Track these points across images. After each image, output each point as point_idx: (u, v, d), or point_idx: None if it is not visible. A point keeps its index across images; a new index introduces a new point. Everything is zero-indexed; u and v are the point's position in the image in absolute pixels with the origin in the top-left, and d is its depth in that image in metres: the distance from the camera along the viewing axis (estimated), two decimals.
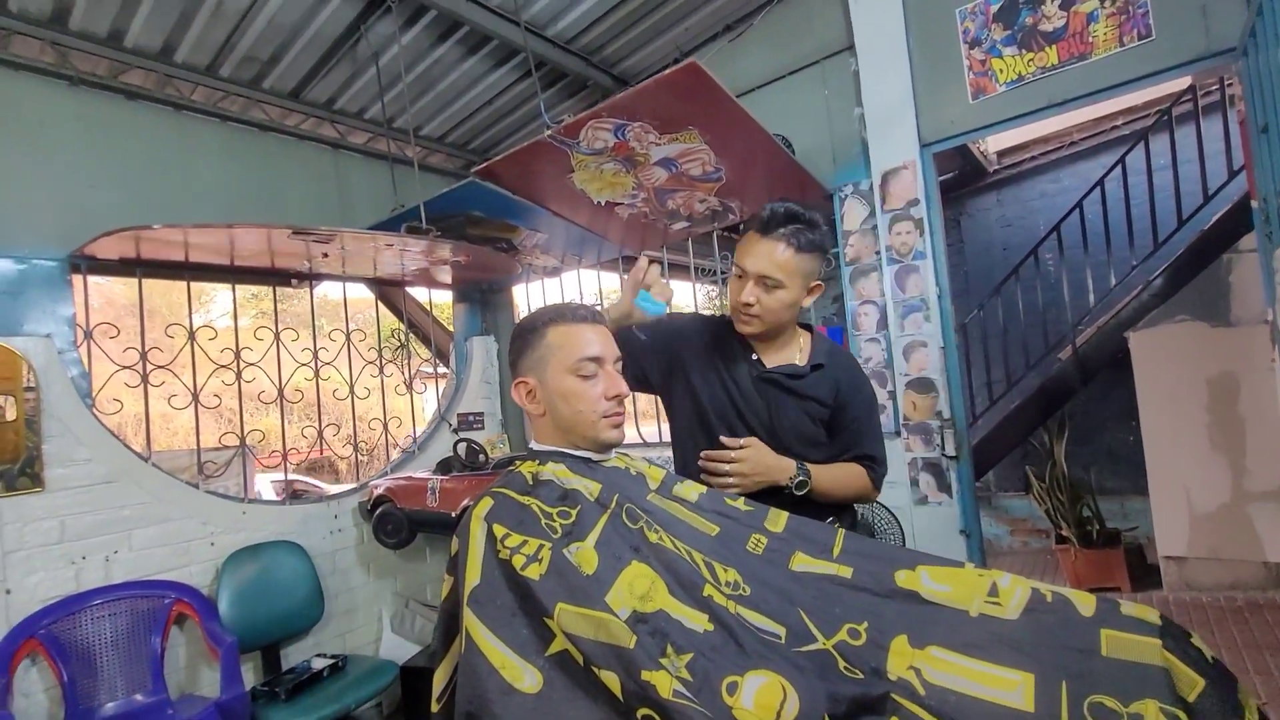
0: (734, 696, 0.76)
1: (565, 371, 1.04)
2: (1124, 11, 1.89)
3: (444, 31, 2.74)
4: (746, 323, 1.31)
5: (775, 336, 1.36)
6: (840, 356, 1.40)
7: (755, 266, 1.27)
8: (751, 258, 1.28)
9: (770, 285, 1.26)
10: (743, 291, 1.28)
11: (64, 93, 2.43)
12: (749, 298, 1.28)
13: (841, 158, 2.54)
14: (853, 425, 1.36)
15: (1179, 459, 3.60)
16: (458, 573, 0.89)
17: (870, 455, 1.37)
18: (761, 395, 1.33)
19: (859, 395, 1.37)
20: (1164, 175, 3.71)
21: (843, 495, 1.37)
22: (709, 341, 1.38)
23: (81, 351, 2.38)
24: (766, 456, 1.28)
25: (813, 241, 1.28)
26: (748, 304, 1.28)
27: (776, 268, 1.25)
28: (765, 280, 1.26)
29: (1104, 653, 0.85)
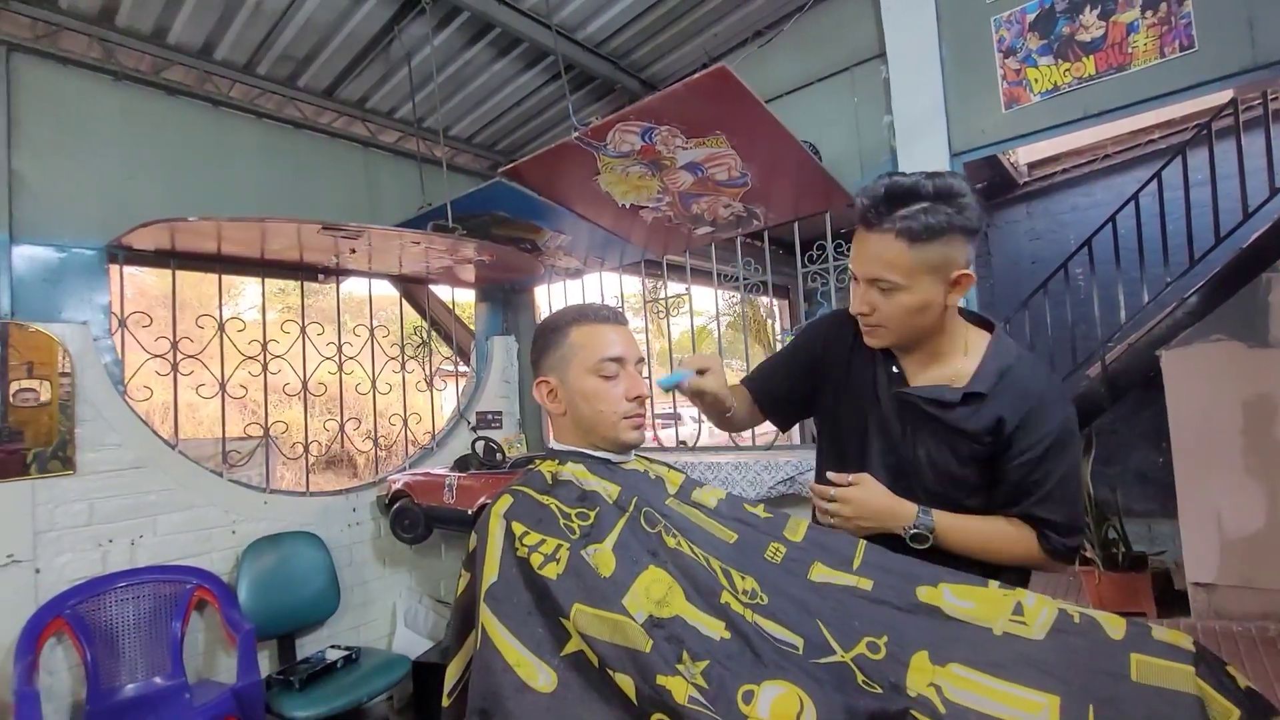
0: (750, 706, 0.75)
1: (587, 371, 1.04)
2: (1166, 22, 1.85)
3: (476, 33, 2.78)
4: (871, 333, 1.11)
5: (923, 346, 1.10)
6: (1019, 380, 1.05)
7: (864, 269, 1.05)
8: (858, 259, 1.07)
9: (886, 288, 1.03)
10: (856, 299, 1.08)
11: (108, 87, 2.50)
12: (863, 306, 1.07)
13: (870, 166, 2.52)
14: (1019, 473, 1.04)
15: (1211, 483, 3.50)
16: (475, 569, 0.89)
17: (1042, 517, 1.04)
18: (899, 419, 1.10)
19: (1034, 435, 1.03)
20: (1202, 191, 3.62)
21: (993, 558, 1.09)
22: (853, 344, 1.17)
23: (115, 339, 2.45)
24: (875, 498, 1.09)
25: (936, 225, 0.97)
26: (863, 313, 1.08)
27: (888, 267, 1.01)
28: (878, 283, 1.04)
29: (1133, 678, 0.83)
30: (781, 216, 2.68)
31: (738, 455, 2.80)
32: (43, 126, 2.33)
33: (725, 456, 2.78)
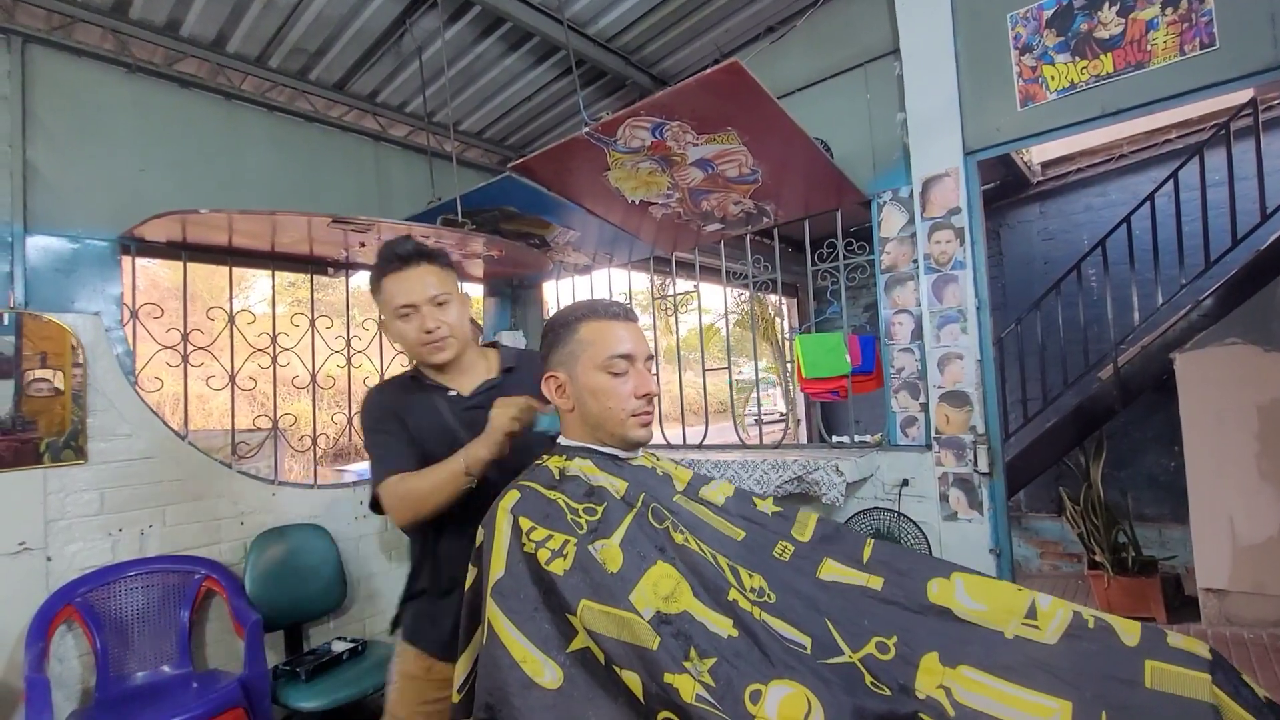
0: (757, 705, 0.74)
1: (596, 368, 1.03)
2: (1186, 19, 1.82)
3: (487, 28, 2.77)
4: (441, 347, 1.28)
5: (462, 362, 1.34)
6: (533, 358, 1.26)
7: (421, 294, 1.26)
8: (412, 291, 1.26)
9: (443, 302, 1.28)
10: (427, 320, 1.26)
11: (121, 79, 2.51)
12: (432, 323, 1.26)
13: (882, 164, 2.50)
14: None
15: (1224, 487, 3.46)
16: (482, 564, 0.89)
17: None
18: (471, 430, 1.20)
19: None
20: (1219, 192, 3.57)
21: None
22: (405, 398, 1.32)
23: (126, 330, 2.46)
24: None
25: (447, 255, 1.35)
26: (432, 330, 1.26)
27: (440, 284, 1.28)
28: (436, 300, 1.28)
29: (1148, 684, 0.82)
30: (792, 214, 2.66)
31: (745, 454, 2.79)
32: (57, 118, 2.34)
33: (732, 455, 2.77)
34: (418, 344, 1.27)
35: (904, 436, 2.42)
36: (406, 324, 1.27)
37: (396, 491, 1.17)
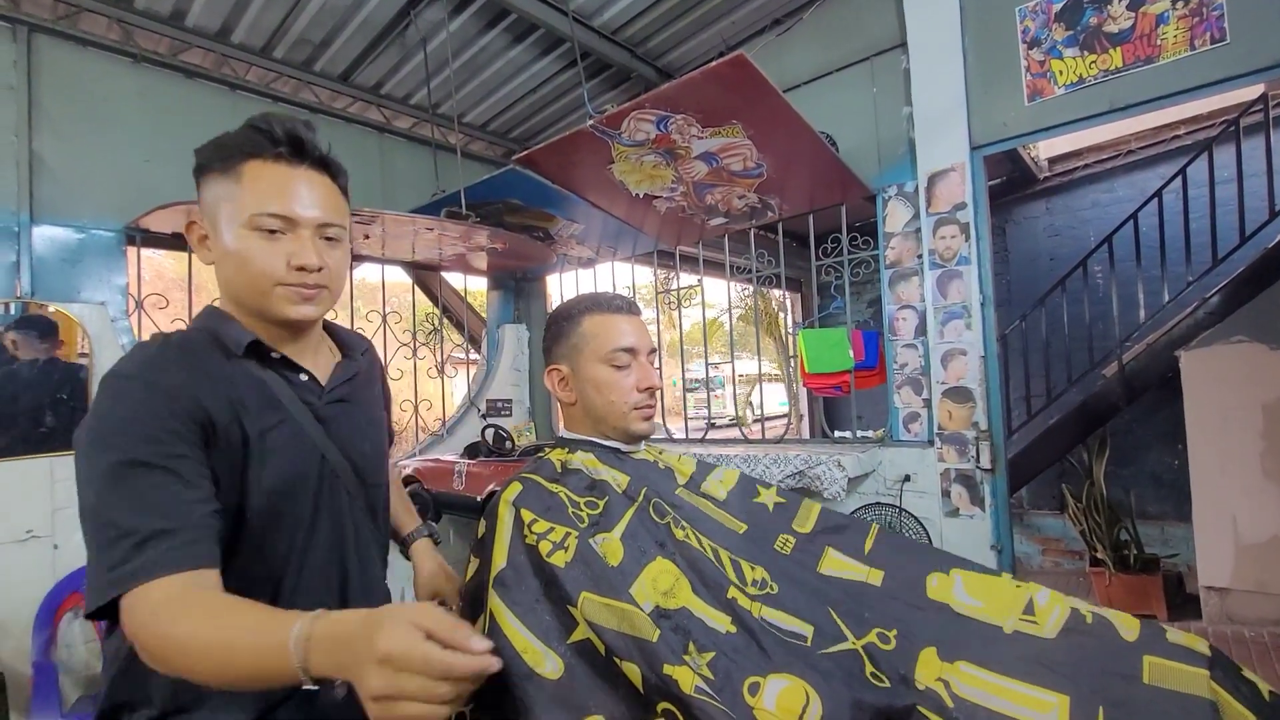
0: (755, 697, 0.74)
1: (598, 361, 1.04)
2: (1197, 13, 1.80)
3: (491, 19, 2.76)
4: (313, 299, 0.83)
5: (312, 333, 0.91)
6: (367, 340, 1.05)
7: (309, 211, 0.81)
8: (294, 197, 0.80)
9: (334, 239, 0.85)
10: (301, 249, 0.81)
11: (127, 69, 2.51)
12: (312, 258, 0.81)
13: (887, 158, 2.49)
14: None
15: (1227, 486, 3.45)
16: (484, 555, 0.90)
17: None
18: (336, 442, 0.88)
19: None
20: (1227, 189, 3.54)
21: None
22: (211, 393, 0.76)
23: (132, 320, 2.47)
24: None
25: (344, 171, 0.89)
26: (310, 268, 0.81)
27: (337, 211, 0.85)
28: (327, 230, 0.83)
29: (1146, 680, 0.82)
30: (796, 208, 2.65)
31: (747, 448, 2.79)
32: (62, 108, 2.35)
33: (735, 449, 2.78)
34: (272, 280, 0.80)
35: (906, 432, 2.42)
36: (267, 244, 0.79)
37: (170, 628, 0.62)
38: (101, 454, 0.69)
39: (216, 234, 0.81)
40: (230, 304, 0.85)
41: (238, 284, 0.82)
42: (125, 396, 0.72)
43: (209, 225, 0.82)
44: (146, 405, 0.71)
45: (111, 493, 0.67)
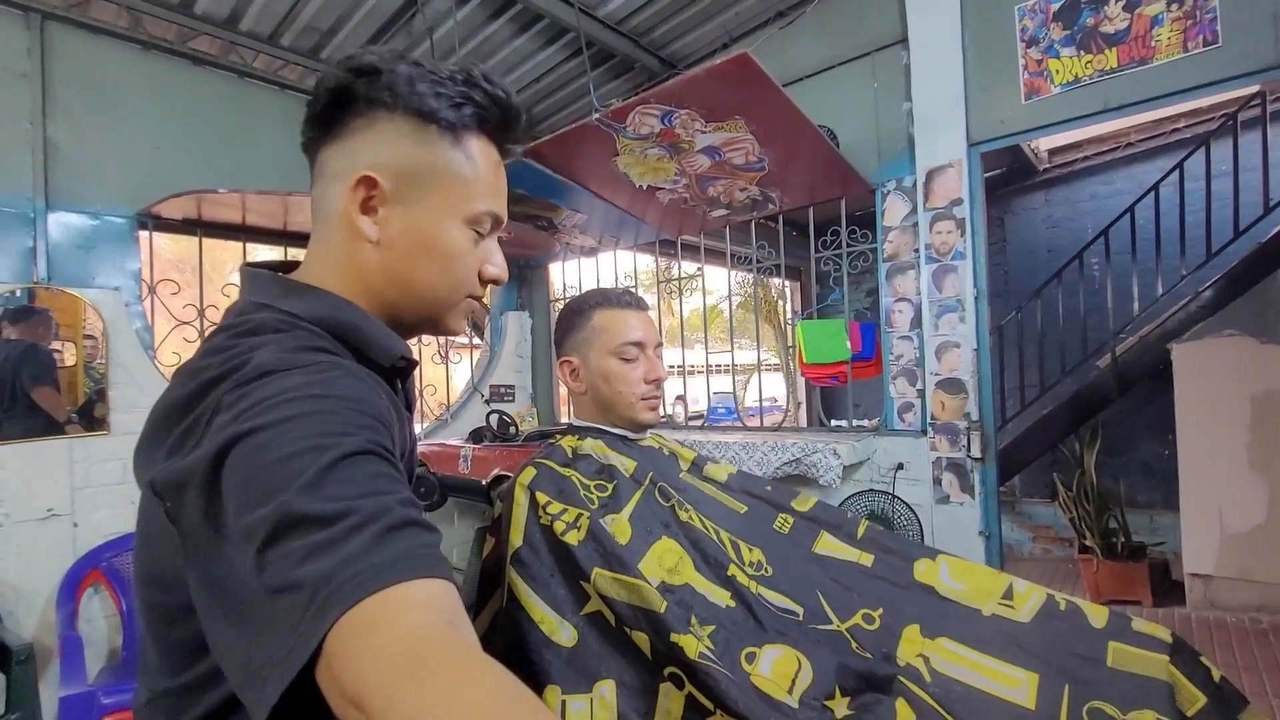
0: (752, 665, 0.82)
1: (608, 353, 1.10)
2: (1191, 16, 1.84)
3: (497, 9, 2.78)
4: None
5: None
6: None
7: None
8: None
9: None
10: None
11: (136, 56, 2.54)
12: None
13: (886, 153, 2.53)
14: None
15: (1214, 476, 3.53)
16: (501, 534, 0.96)
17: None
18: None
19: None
20: (1223, 183, 3.58)
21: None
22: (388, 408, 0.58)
23: (145, 305, 2.53)
24: None
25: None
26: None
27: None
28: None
29: (1109, 663, 0.89)
30: (797, 201, 2.70)
31: (746, 435, 2.86)
32: (75, 95, 2.38)
33: (733, 436, 2.85)
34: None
35: (901, 422, 2.49)
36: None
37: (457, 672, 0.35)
38: (316, 444, 0.44)
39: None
40: (370, 293, 0.62)
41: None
42: (336, 384, 0.51)
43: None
44: (358, 396, 0.51)
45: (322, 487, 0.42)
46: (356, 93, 0.58)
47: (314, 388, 0.48)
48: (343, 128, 0.59)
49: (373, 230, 0.59)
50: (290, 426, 0.44)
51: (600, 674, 0.80)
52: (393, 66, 0.58)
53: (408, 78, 0.58)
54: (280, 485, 0.41)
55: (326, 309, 0.59)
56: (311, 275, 0.61)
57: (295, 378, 0.49)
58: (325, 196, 0.61)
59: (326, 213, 0.61)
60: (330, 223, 0.60)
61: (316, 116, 0.60)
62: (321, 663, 0.36)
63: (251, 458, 0.43)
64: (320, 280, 0.61)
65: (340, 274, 0.61)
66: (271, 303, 0.58)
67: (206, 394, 0.50)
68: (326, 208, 0.61)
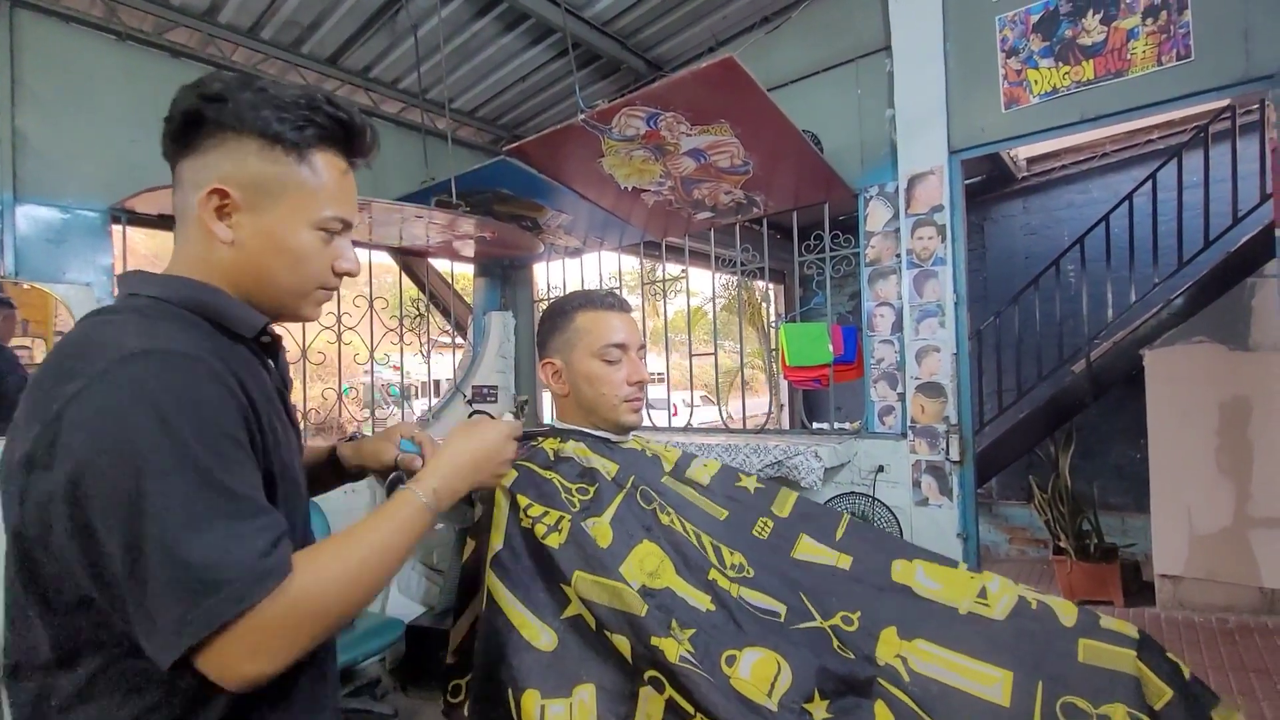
0: (732, 668, 0.82)
1: (591, 355, 1.09)
2: (1165, 30, 1.88)
3: (483, 7, 2.76)
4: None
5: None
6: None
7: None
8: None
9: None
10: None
11: (111, 47, 2.48)
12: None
13: (869, 158, 2.55)
14: None
15: (1184, 479, 3.62)
16: (481, 537, 0.95)
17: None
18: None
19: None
20: (1195, 193, 3.68)
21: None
22: (246, 388, 0.67)
23: None
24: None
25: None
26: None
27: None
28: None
29: (1080, 659, 0.91)
30: (781, 205, 2.71)
31: (729, 438, 2.87)
32: (46, 85, 2.32)
33: (716, 438, 2.86)
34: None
35: (881, 425, 2.51)
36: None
37: (336, 570, 0.62)
38: (168, 445, 0.55)
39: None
40: (227, 284, 0.71)
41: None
42: (201, 379, 0.60)
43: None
44: (216, 396, 0.60)
45: (221, 473, 0.57)
46: (206, 116, 0.67)
47: (160, 404, 0.57)
48: (196, 145, 0.68)
49: (226, 233, 0.69)
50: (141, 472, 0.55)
51: (580, 678, 0.80)
52: (237, 94, 0.67)
53: (251, 104, 0.67)
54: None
55: (187, 290, 0.69)
56: (176, 269, 0.71)
57: (147, 382, 0.57)
58: (185, 203, 0.70)
59: (186, 217, 0.70)
60: (189, 225, 0.70)
61: (172, 134, 0.69)
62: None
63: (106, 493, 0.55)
64: (184, 272, 0.70)
65: (202, 268, 0.70)
66: (137, 291, 0.68)
67: (65, 381, 0.58)
68: (185, 213, 0.70)
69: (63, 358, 0.60)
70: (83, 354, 0.59)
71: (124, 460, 0.54)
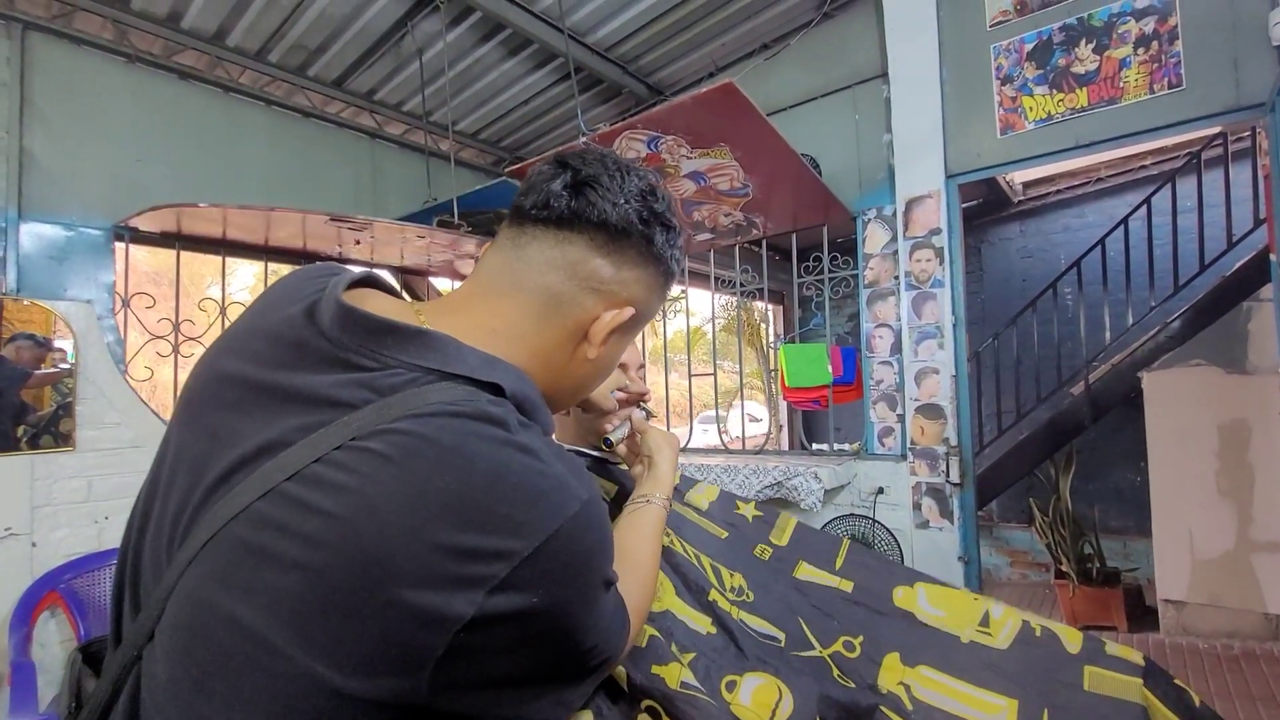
0: (733, 694, 0.80)
1: None
2: (1156, 60, 1.92)
3: (487, 33, 2.81)
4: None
5: None
6: None
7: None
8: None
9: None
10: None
11: (121, 69, 2.52)
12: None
13: (867, 182, 2.58)
14: None
15: (1185, 503, 3.60)
16: None
17: None
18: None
19: None
20: (1189, 218, 3.72)
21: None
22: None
23: (117, 318, 2.47)
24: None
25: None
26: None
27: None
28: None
29: (1086, 687, 0.90)
30: (780, 227, 2.74)
31: (727, 459, 2.86)
32: (55, 106, 2.35)
33: (715, 459, 2.84)
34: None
35: (881, 446, 2.51)
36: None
37: (637, 614, 0.70)
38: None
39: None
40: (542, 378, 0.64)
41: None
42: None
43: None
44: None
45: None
46: (655, 239, 0.62)
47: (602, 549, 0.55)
48: (616, 252, 0.61)
49: (595, 351, 0.62)
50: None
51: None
52: (662, 226, 0.63)
53: (668, 242, 0.64)
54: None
55: (518, 384, 0.58)
56: (499, 348, 0.58)
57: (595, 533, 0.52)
58: (570, 295, 0.60)
59: (560, 305, 0.60)
60: (560, 319, 0.60)
61: (609, 224, 0.60)
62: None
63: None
64: (511, 355, 0.59)
65: (536, 360, 0.61)
66: (470, 374, 0.54)
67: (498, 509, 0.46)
68: (564, 303, 0.60)
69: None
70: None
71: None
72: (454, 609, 0.43)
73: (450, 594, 0.43)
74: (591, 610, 0.54)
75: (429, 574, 0.43)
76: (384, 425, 0.47)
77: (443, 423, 0.48)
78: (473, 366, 0.54)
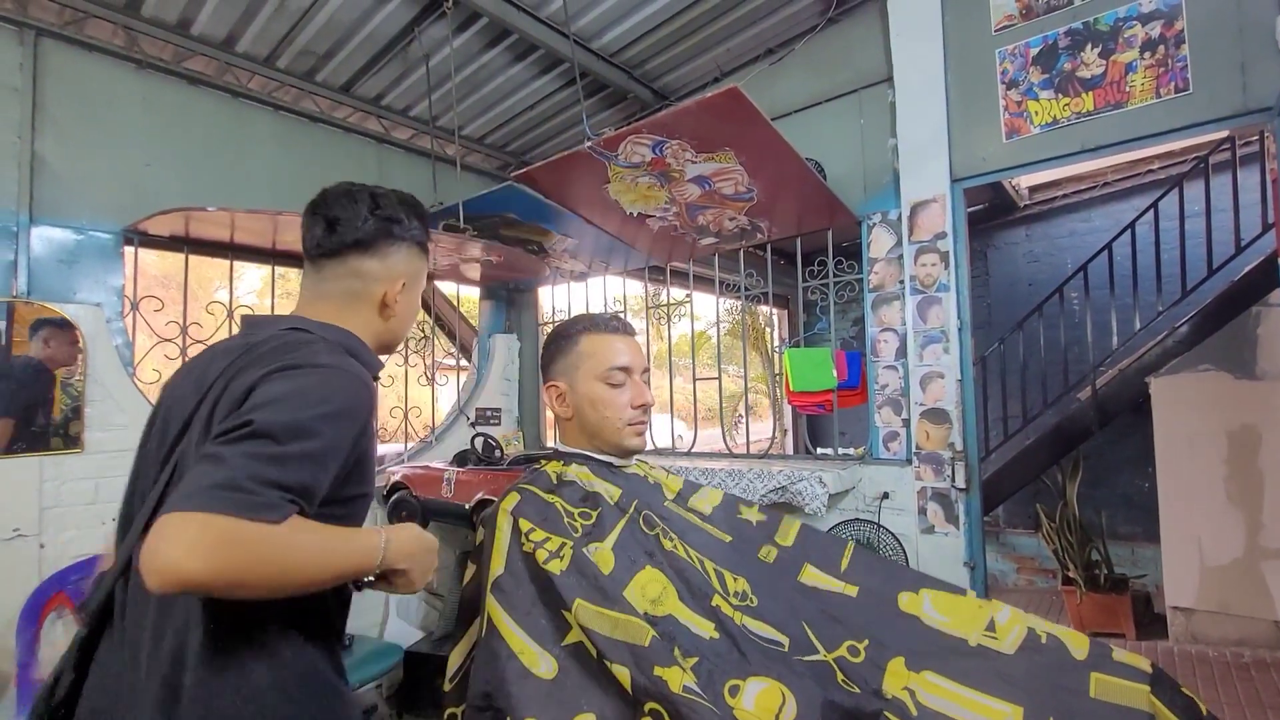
0: (735, 699, 0.80)
1: (595, 379, 1.09)
2: (1163, 64, 1.92)
3: (494, 38, 2.83)
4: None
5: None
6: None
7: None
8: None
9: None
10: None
11: (130, 74, 2.55)
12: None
13: (872, 187, 2.58)
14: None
15: (1193, 509, 3.57)
16: (482, 561, 0.95)
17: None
18: None
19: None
20: (1196, 222, 3.70)
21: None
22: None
23: (126, 322, 2.49)
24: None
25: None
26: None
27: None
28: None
29: (1092, 694, 0.89)
30: (785, 231, 2.74)
31: (732, 462, 2.85)
32: (66, 111, 2.38)
33: (719, 463, 2.84)
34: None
35: (886, 451, 2.50)
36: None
37: (286, 537, 0.67)
38: (336, 414, 0.78)
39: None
40: (368, 336, 0.98)
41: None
42: (362, 392, 0.84)
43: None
44: (367, 403, 0.85)
45: (328, 438, 0.75)
46: (395, 233, 0.97)
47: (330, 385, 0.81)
48: (378, 250, 0.96)
49: (394, 310, 0.99)
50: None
51: (580, 707, 0.79)
52: (411, 217, 1.00)
53: (417, 225, 1.01)
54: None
55: (349, 341, 0.94)
56: (345, 323, 0.96)
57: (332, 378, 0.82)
58: (361, 289, 0.97)
59: (358, 297, 0.97)
60: (363, 303, 0.97)
61: (360, 241, 0.95)
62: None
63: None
64: (353, 327, 0.96)
65: (359, 326, 0.97)
66: (306, 328, 0.92)
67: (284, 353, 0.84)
68: (360, 294, 0.97)
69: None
70: None
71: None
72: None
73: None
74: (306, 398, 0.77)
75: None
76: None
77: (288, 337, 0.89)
78: (314, 325, 0.92)
